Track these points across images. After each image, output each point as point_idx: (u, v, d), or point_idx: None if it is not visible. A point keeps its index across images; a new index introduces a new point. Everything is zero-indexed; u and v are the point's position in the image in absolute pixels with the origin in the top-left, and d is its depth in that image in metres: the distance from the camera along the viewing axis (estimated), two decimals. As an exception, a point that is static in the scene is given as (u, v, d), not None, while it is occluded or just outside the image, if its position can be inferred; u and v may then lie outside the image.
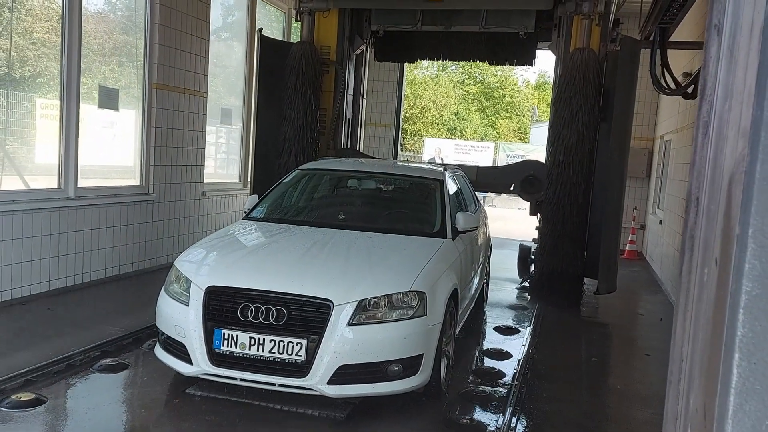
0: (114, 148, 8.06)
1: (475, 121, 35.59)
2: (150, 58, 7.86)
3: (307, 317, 4.00)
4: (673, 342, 1.19)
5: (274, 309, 3.99)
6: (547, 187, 7.65)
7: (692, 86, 8.01)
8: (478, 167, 8.47)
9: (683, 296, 1.18)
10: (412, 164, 7.57)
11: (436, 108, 32.72)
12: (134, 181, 7.96)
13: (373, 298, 4.10)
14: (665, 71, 8.18)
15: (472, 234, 5.84)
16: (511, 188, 8.11)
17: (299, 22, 8.46)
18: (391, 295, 4.15)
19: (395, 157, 13.27)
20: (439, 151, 26.48)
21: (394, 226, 5.38)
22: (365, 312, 4.06)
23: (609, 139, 7.33)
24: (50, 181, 6.77)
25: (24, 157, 6.84)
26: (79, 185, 6.91)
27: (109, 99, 7.42)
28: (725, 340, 0.96)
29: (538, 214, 8.11)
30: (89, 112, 7.18)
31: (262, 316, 4.00)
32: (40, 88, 6.91)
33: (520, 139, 35.99)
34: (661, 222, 10.75)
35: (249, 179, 10.09)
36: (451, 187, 6.00)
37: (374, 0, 8.28)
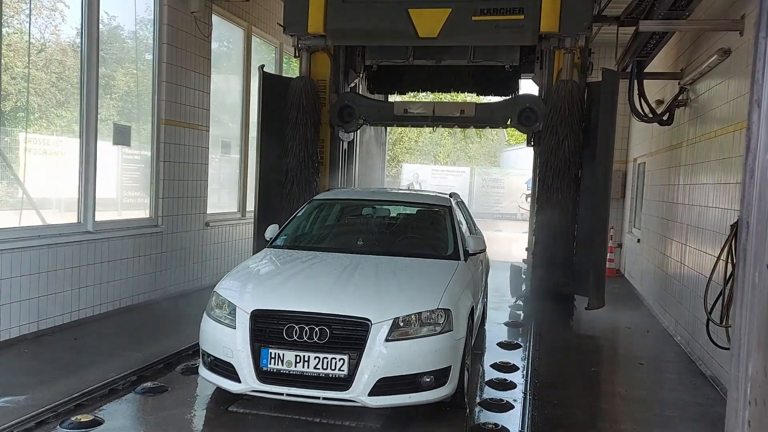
0: (125, 182, 8.34)
1: (448, 146, 36.39)
2: (158, 95, 8.24)
3: (348, 335, 4.39)
4: (734, 326, 1.65)
5: (317, 329, 4.38)
6: (539, 203, 8.11)
7: (667, 114, 8.67)
8: (476, 104, 8.89)
9: (739, 293, 1.64)
10: (420, 192, 8.03)
11: (411, 133, 33.40)
12: (145, 213, 8.26)
13: (406, 315, 4.51)
14: (642, 100, 8.83)
15: (478, 256, 6.30)
16: (509, 122, 8.56)
17: (298, 59, 8.88)
18: (421, 312, 4.57)
19: (383, 182, 13.73)
20: (417, 176, 27.15)
21: (412, 251, 5.81)
22: (398, 329, 4.46)
23: (593, 164, 7.89)
24: (66, 216, 7.05)
25: (40, 192, 7.08)
26: (96, 219, 7.20)
27: (122, 135, 7.76)
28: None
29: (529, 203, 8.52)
30: (104, 148, 7.49)
31: (306, 336, 4.38)
32: (58, 124, 7.20)
33: (491, 163, 36.84)
34: (639, 240, 11.36)
35: (247, 209, 10.42)
36: (458, 213, 6.46)
37: (370, 37, 8.70)
